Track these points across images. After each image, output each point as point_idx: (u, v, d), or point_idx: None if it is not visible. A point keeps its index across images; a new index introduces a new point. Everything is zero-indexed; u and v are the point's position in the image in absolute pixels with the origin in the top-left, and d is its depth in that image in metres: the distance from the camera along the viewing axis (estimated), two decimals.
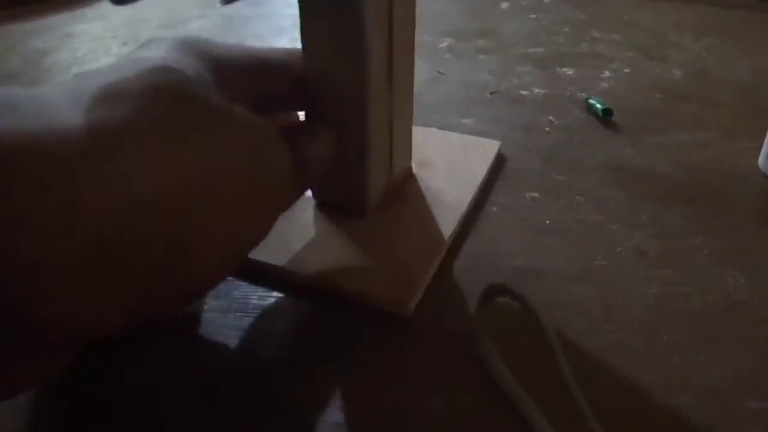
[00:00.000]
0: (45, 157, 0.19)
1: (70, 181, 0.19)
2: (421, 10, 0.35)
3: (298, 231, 0.35)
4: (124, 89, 0.22)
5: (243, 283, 0.33)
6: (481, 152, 0.43)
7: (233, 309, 0.32)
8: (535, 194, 0.40)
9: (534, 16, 0.68)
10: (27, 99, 0.21)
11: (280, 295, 0.33)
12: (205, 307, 0.32)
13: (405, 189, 0.39)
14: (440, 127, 0.46)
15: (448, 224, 0.36)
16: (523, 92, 0.52)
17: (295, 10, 0.31)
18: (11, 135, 0.19)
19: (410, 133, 0.39)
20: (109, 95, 0.22)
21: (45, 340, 0.21)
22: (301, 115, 0.35)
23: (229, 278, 0.33)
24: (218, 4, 0.28)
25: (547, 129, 0.47)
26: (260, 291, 0.33)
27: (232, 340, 0.30)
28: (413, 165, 0.40)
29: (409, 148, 0.39)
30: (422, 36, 0.61)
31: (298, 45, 0.32)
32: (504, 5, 0.70)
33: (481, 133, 0.45)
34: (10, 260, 0.18)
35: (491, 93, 0.52)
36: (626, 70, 0.56)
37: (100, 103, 0.22)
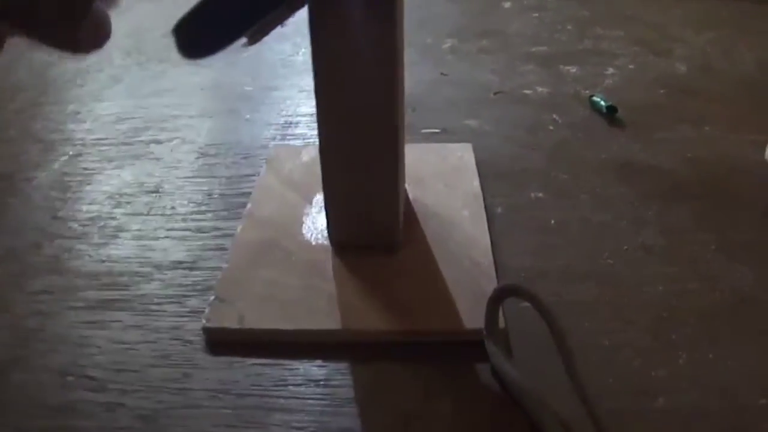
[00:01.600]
0: None
1: None
2: (423, 12, 0.35)
3: (341, 288, 0.32)
4: None
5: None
6: (459, 158, 0.41)
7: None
8: (540, 194, 0.40)
9: (537, 14, 0.68)
10: None
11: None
12: None
13: (410, 212, 0.37)
14: (444, 129, 0.46)
15: (480, 238, 0.35)
16: (527, 91, 0.52)
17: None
18: None
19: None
20: None
21: None
22: None
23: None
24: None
25: (551, 128, 0.47)
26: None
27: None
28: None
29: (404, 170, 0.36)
30: (425, 38, 0.61)
31: (301, 50, 0.31)
32: (506, 5, 0.70)
33: (485, 134, 0.45)
34: None
35: (495, 93, 0.52)
36: (630, 66, 0.56)
37: None
